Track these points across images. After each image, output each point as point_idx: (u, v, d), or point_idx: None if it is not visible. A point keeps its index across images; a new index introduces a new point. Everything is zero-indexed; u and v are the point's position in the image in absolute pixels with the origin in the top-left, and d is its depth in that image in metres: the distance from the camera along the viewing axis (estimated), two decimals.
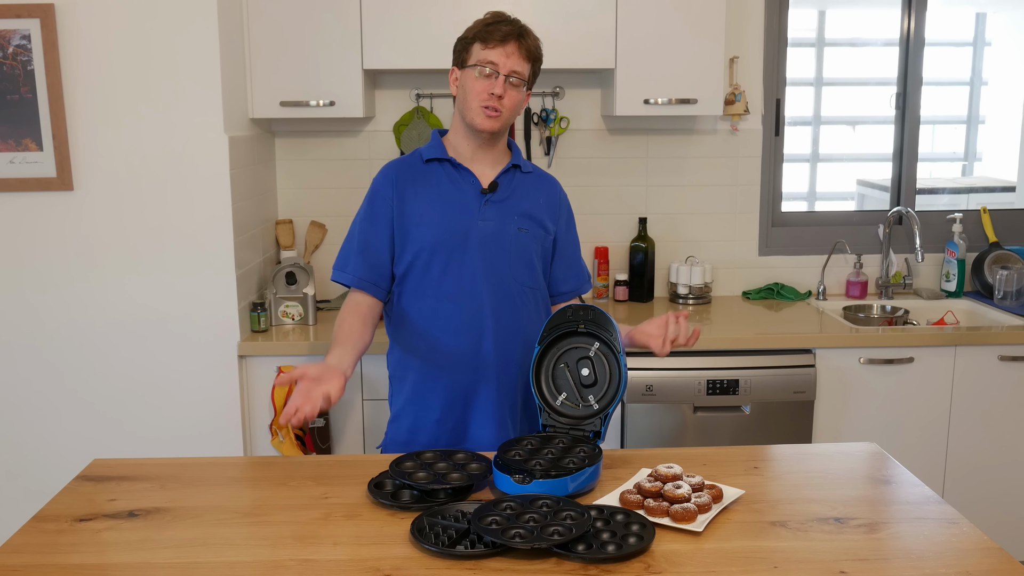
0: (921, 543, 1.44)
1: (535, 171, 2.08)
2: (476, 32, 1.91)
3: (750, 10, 3.23)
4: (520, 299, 1.98)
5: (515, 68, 1.89)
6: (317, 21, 2.81)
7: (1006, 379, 2.85)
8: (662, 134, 3.28)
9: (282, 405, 2.66)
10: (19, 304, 2.66)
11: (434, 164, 1.99)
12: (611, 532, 1.43)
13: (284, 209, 3.25)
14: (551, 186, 2.08)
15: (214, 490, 1.67)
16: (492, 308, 1.95)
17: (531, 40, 1.93)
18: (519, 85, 1.91)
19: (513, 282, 1.97)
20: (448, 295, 1.95)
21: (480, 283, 1.94)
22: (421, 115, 3.16)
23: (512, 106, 1.92)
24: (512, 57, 1.88)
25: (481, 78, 1.89)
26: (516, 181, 2.01)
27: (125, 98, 2.58)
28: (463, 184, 1.97)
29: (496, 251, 1.95)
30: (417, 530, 1.44)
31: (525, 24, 1.94)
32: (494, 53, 1.88)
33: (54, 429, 2.72)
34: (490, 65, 1.88)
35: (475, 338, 1.95)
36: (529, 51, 1.91)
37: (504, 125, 1.95)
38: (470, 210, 1.95)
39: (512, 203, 1.98)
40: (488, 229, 1.95)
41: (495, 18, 1.92)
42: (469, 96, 1.91)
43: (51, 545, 1.45)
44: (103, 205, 2.62)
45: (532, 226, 1.99)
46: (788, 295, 3.32)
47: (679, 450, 1.87)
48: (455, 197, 1.96)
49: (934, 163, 4.06)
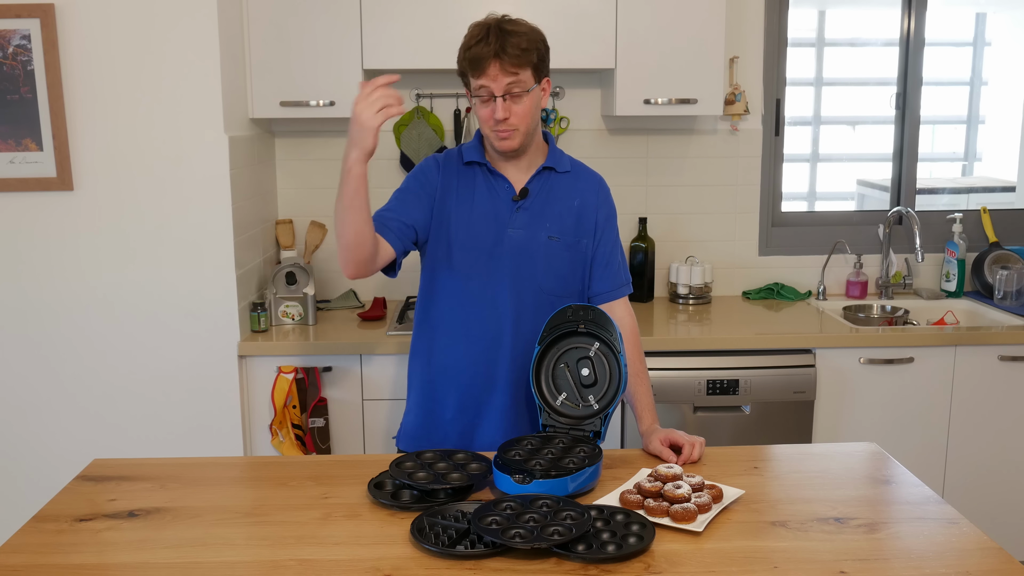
0: (921, 543, 1.44)
1: (574, 169, 2.00)
2: (460, 62, 1.85)
3: (750, 10, 3.23)
4: (545, 309, 1.92)
5: (507, 83, 1.80)
6: (317, 21, 2.81)
7: (1006, 379, 2.85)
8: (662, 134, 3.28)
9: (282, 405, 2.66)
10: (19, 304, 2.66)
11: (473, 167, 1.96)
12: (611, 532, 1.43)
13: (284, 209, 3.25)
14: (589, 185, 2.01)
15: (214, 490, 1.67)
16: (513, 317, 1.94)
17: (512, 47, 1.79)
18: (521, 94, 1.83)
19: (540, 292, 1.95)
20: (471, 300, 1.94)
21: (505, 291, 1.93)
22: (421, 115, 3.16)
23: (522, 118, 1.85)
24: (499, 77, 1.79)
25: (483, 104, 1.85)
26: (550, 184, 1.96)
27: (125, 98, 2.58)
28: (497, 189, 1.94)
29: (525, 260, 1.93)
30: (417, 530, 1.44)
31: (505, 25, 1.81)
32: (482, 79, 1.81)
33: (54, 429, 2.72)
34: (483, 90, 1.82)
35: (493, 345, 1.95)
36: (514, 61, 1.79)
37: (525, 136, 1.88)
38: (501, 217, 1.93)
39: (544, 210, 1.94)
40: (518, 237, 1.93)
41: (473, 37, 1.81)
42: (480, 123, 1.89)
43: (51, 545, 1.45)
44: (103, 205, 2.62)
45: (564, 234, 1.95)
46: (788, 295, 3.32)
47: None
48: (488, 203, 1.93)
49: (934, 163, 4.06)
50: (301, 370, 2.69)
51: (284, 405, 2.66)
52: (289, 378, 2.66)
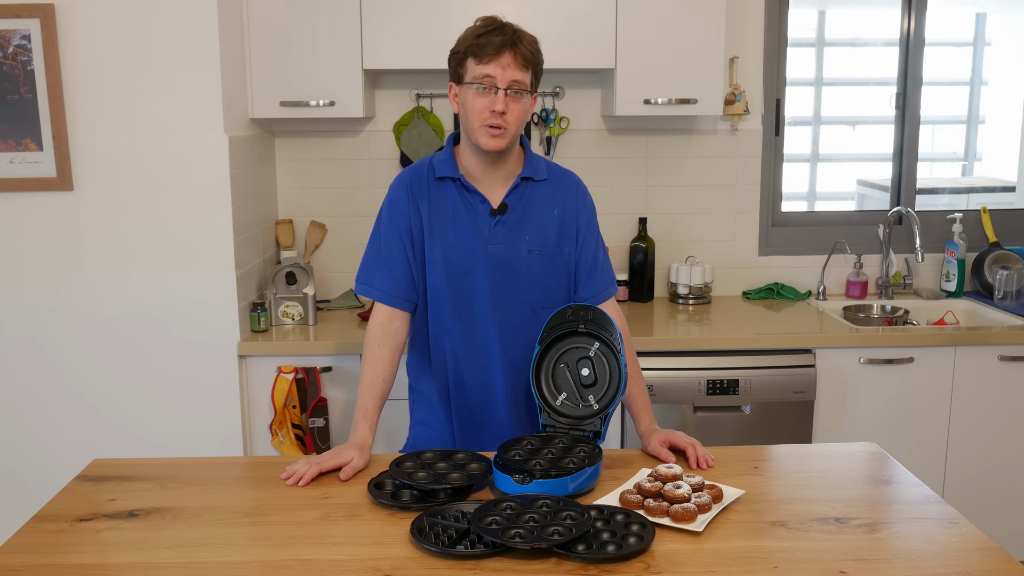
0: (921, 543, 1.44)
1: (551, 176, 1.95)
2: (468, 46, 1.79)
3: (750, 10, 3.23)
4: (531, 323, 1.91)
5: (514, 78, 1.78)
6: (317, 21, 2.81)
7: (1006, 379, 2.85)
8: (662, 134, 3.28)
9: (282, 405, 2.66)
10: (19, 304, 2.66)
11: (446, 182, 1.90)
12: (611, 532, 1.43)
13: (284, 209, 3.25)
14: (567, 191, 1.96)
15: (214, 490, 1.67)
16: (499, 334, 1.92)
17: (526, 45, 1.80)
18: (521, 95, 1.80)
19: (523, 306, 1.92)
20: (458, 318, 1.92)
21: (488, 308, 1.90)
22: (421, 115, 3.16)
23: (517, 119, 1.81)
24: (509, 68, 1.77)
25: (479, 95, 1.78)
26: (528, 195, 1.91)
27: (125, 98, 2.58)
28: (473, 204, 1.89)
29: (505, 275, 1.90)
30: (417, 530, 1.44)
31: (518, 27, 1.82)
32: (489, 67, 1.77)
33: (54, 429, 2.72)
34: (487, 79, 1.77)
35: (485, 363, 1.94)
36: (526, 58, 1.79)
37: (512, 140, 1.84)
38: (480, 233, 1.88)
39: (523, 223, 1.90)
40: (497, 252, 1.89)
41: (485, 27, 1.80)
42: (471, 115, 1.80)
43: (51, 545, 1.45)
44: (103, 205, 2.62)
45: (545, 246, 1.91)
46: (788, 295, 3.32)
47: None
48: (465, 218, 1.89)
49: (934, 163, 4.06)
50: (301, 370, 2.69)
51: (284, 405, 2.66)
52: (289, 378, 2.66)
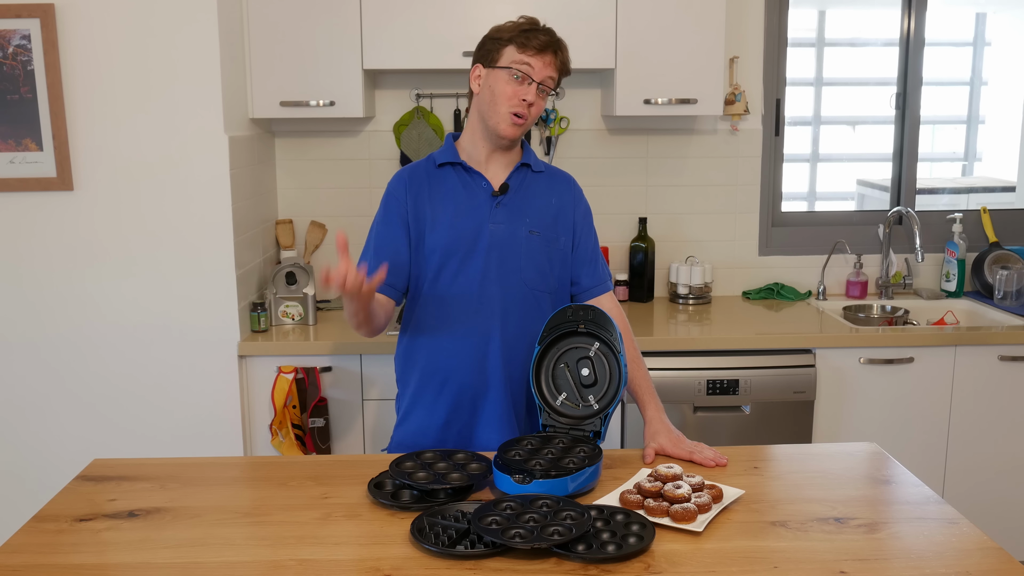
0: (921, 543, 1.44)
1: (547, 170, 2.04)
2: (513, 35, 1.88)
3: (750, 10, 3.23)
4: (530, 303, 1.95)
5: (549, 75, 1.89)
6: (317, 21, 2.81)
7: (1006, 379, 2.85)
8: (662, 134, 3.28)
9: (282, 405, 2.66)
10: (19, 304, 2.66)
11: (447, 168, 1.97)
12: (611, 532, 1.43)
13: (284, 209, 3.25)
14: (564, 185, 2.04)
15: (214, 490, 1.67)
16: (501, 312, 1.94)
17: (564, 53, 1.93)
18: (547, 93, 1.91)
19: (523, 285, 1.95)
20: (458, 298, 1.94)
21: (490, 286, 1.93)
22: (421, 115, 3.16)
23: (537, 114, 1.92)
24: (548, 67, 1.88)
25: (513, 82, 1.86)
26: (527, 181, 1.99)
27: (125, 98, 2.58)
28: (474, 187, 1.95)
29: (507, 254, 1.94)
30: (417, 530, 1.44)
31: (560, 37, 1.94)
32: (532, 59, 1.86)
33: (54, 429, 2.72)
34: (526, 68, 1.86)
35: (482, 341, 1.94)
36: (564, 62, 1.92)
37: (524, 132, 1.95)
38: (481, 213, 1.94)
39: (523, 205, 1.96)
40: (499, 232, 1.93)
41: (531, 24, 1.90)
42: (499, 99, 1.88)
43: (51, 545, 1.45)
44: (103, 205, 2.62)
45: (544, 229, 1.97)
46: (788, 295, 3.32)
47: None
48: (466, 200, 1.94)
49: (934, 163, 4.06)
50: (301, 370, 2.69)
51: (284, 405, 2.66)
52: (289, 378, 2.66)
